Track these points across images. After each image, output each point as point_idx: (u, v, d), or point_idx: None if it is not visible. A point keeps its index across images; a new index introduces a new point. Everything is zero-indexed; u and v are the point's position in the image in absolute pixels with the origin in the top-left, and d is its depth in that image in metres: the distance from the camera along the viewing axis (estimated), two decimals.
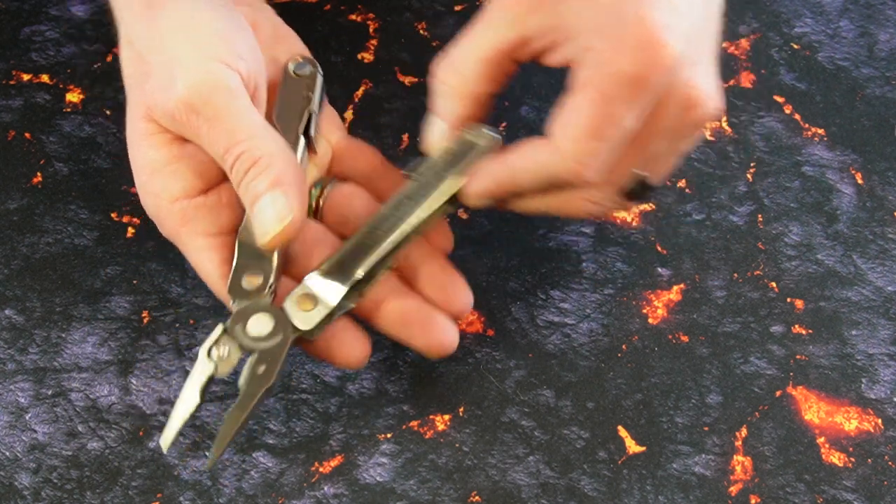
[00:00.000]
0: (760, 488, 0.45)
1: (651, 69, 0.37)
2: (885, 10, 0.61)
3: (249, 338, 0.40)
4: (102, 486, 0.44)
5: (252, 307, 0.40)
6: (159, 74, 0.40)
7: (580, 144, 0.38)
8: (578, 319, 0.49)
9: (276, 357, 0.39)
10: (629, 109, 0.37)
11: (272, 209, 0.39)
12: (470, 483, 0.45)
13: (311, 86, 0.44)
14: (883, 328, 0.49)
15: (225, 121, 0.39)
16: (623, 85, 0.37)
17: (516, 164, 0.40)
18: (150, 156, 0.41)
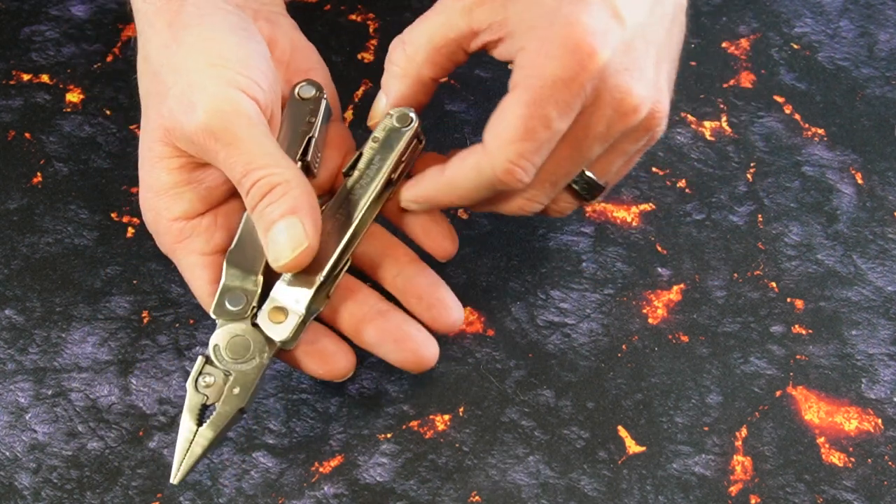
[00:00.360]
0: (760, 488, 0.45)
1: (578, 73, 0.37)
2: (885, 10, 0.61)
3: (229, 360, 0.41)
4: (102, 486, 0.44)
5: (231, 329, 0.42)
6: (178, 98, 0.40)
7: (510, 147, 0.39)
8: (578, 319, 0.49)
9: (251, 379, 0.41)
10: (558, 112, 0.38)
11: (286, 236, 0.40)
12: (470, 483, 0.45)
13: (315, 110, 0.45)
14: (883, 328, 0.49)
15: (243, 148, 0.40)
16: (550, 88, 0.38)
17: (454, 172, 0.41)
18: (162, 178, 0.42)
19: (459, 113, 0.55)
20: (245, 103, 0.40)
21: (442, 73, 0.43)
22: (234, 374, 0.41)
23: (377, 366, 0.47)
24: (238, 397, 0.41)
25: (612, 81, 0.38)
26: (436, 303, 0.44)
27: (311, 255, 0.40)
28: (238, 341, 0.42)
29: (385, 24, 0.58)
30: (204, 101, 0.40)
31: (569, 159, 0.40)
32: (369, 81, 0.56)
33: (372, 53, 0.57)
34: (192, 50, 0.41)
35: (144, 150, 0.43)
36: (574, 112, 0.38)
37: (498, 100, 0.54)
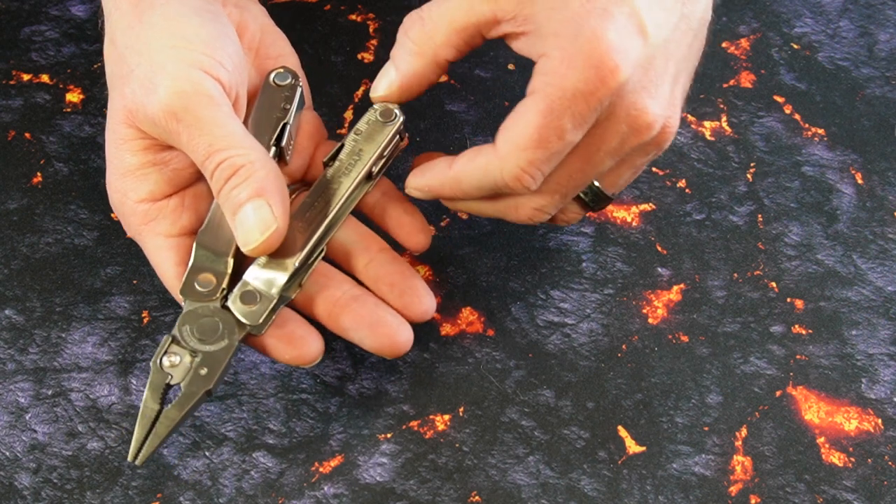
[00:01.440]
0: (760, 488, 0.45)
1: (598, 88, 0.37)
2: (884, 10, 0.61)
3: (196, 340, 0.41)
4: (102, 486, 0.44)
5: (200, 310, 0.41)
6: (141, 79, 0.40)
7: (521, 153, 0.39)
8: (578, 319, 0.49)
9: (219, 361, 0.40)
10: (573, 124, 0.38)
11: (255, 218, 0.40)
12: (470, 483, 0.44)
13: (290, 97, 0.45)
14: (883, 328, 0.49)
15: (206, 128, 0.40)
16: (569, 99, 0.38)
17: (462, 169, 0.41)
18: (127, 160, 0.42)
19: (459, 113, 0.55)
20: (207, 84, 0.40)
21: (457, 55, 0.42)
22: (201, 354, 0.40)
23: (377, 366, 0.47)
24: (205, 378, 0.40)
25: (629, 99, 0.38)
26: (407, 290, 0.43)
27: (280, 237, 0.40)
28: (207, 322, 0.41)
29: (385, 24, 0.58)
30: (165, 83, 0.40)
31: (580, 171, 0.41)
32: (369, 81, 0.55)
33: (372, 53, 0.57)
34: (155, 31, 0.41)
35: (109, 132, 0.43)
36: (588, 125, 0.38)
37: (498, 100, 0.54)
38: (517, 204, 0.42)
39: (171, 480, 0.44)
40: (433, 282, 0.50)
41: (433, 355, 0.48)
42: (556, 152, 0.39)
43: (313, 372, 0.47)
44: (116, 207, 0.44)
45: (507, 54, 0.57)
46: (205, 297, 0.41)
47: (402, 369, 0.47)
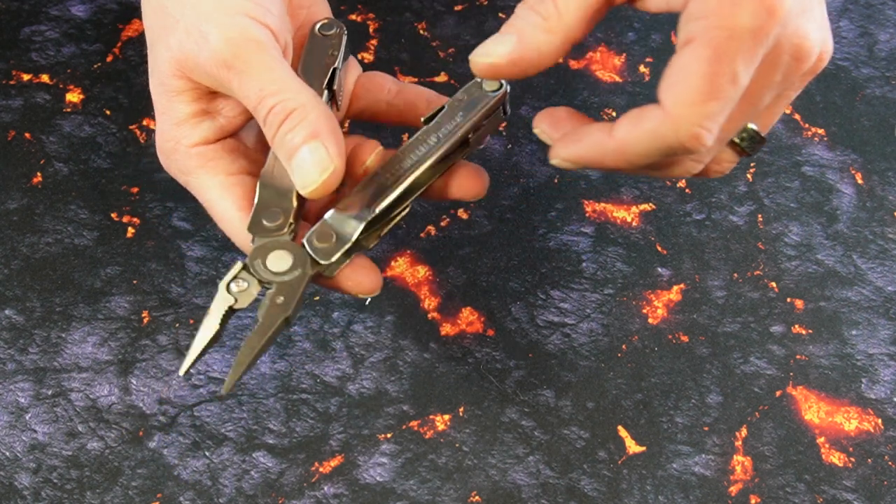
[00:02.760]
0: (760, 488, 0.45)
1: (766, 22, 0.35)
2: (885, 10, 0.61)
3: (269, 272, 0.40)
4: (102, 486, 0.44)
5: (271, 244, 0.41)
6: (188, 29, 0.40)
7: (696, 108, 0.35)
8: (578, 319, 0.49)
9: (294, 289, 0.40)
10: (745, 66, 0.35)
11: (312, 161, 0.39)
12: (470, 483, 0.44)
13: (337, 44, 0.45)
14: (883, 328, 0.49)
15: (256, 74, 0.40)
16: (739, 40, 0.35)
17: (627, 136, 0.38)
18: (180, 109, 0.42)
19: None
20: (255, 30, 0.40)
21: (587, 31, 0.39)
22: (275, 284, 0.40)
23: (377, 366, 0.47)
24: (282, 306, 0.39)
25: (791, 27, 0.36)
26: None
27: (338, 177, 0.39)
28: (279, 254, 0.41)
29: (385, 24, 0.58)
30: (214, 31, 0.39)
31: (741, 113, 0.38)
32: None
33: (372, 53, 0.57)
34: None
35: (157, 84, 0.42)
36: (756, 63, 0.36)
37: None
38: (678, 160, 0.39)
39: (171, 480, 0.44)
40: (433, 282, 0.50)
41: (433, 355, 0.48)
42: (730, 100, 0.36)
43: (313, 372, 0.47)
44: (168, 155, 0.43)
45: None
46: (273, 233, 0.41)
47: (402, 369, 0.47)
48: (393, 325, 0.49)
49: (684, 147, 0.36)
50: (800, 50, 0.37)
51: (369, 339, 0.48)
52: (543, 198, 0.53)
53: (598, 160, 0.39)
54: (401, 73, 0.56)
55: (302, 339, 0.48)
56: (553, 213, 0.52)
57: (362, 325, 0.48)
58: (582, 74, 0.57)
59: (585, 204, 0.53)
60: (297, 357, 0.47)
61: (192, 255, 0.50)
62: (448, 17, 0.59)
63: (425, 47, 0.57)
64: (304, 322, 0.48)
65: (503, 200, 0.52)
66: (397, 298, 0.49)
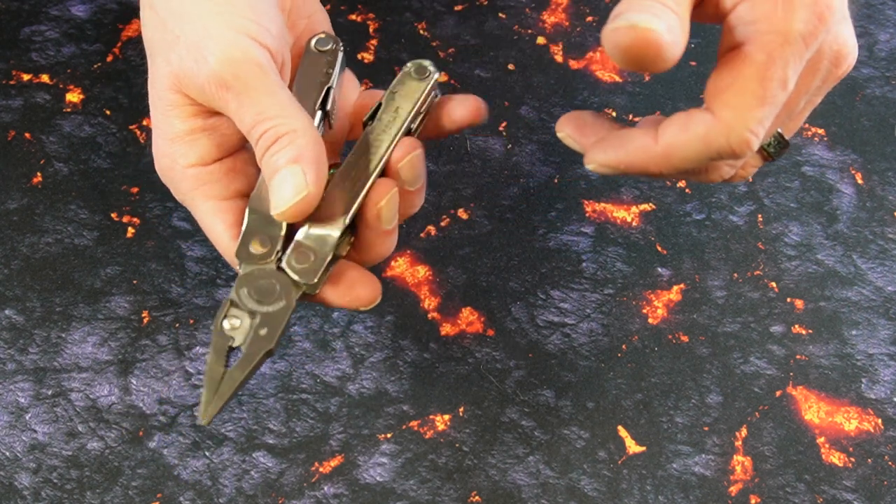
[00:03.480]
0: (760, 488, 0.45)
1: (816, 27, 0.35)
2: (884, 10, 0.61)
3: (254, 302, 0.41)
4: (102, 486, 0.44)
5: (256, 273, 0.41)
6: (188, 46, 0.40)
7: (749, 113, 0.35)
8: (578, 319, 0.49)
9: (278, 321, 0.40)
10: (795, 71, 0.35)
11: (290, 183, 0.39)
12: (470, 483, 0.44)
13: (332, 62, 0.45)
14: (883, 328, 0.49)
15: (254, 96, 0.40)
16: (793, 44, 0.35)
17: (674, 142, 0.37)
18: (175, 125, 0.42)
19: None
20: (255, 51, 0.40)
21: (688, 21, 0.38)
22: (259, 315, 0.40)
23: (377, 366, 0.47)
24: (265, 339, 0.40)
25: (833, 32, 0.36)
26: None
27: (310, 204, 0.40)
28: (264, 284, 0.41)
29: (385, 24, 0.58)
30: (214, 50, 0.40)
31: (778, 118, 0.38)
32: (369, 81, 0.56)
33: (372, 53, 0.57)
34: None
35: (155, 98, 0.42)
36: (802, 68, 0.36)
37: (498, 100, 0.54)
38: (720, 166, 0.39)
39: (171, 480, 0.44)
40: (433, 282, 0.50)
41: (433, 355, 0.48)
42: (778, 105, 0.36)
43: (313, 372, 0.47)
44: (164, 173, 0.43)
45: (507, 54, 0.57)
46: (260, 260, 0.41)
47: (402, 369, 0.47)
48: (393, 325, 0.49)
49: (733, 152, 0.36)
50: (839, 56, 0.37)
51: (369, 339, 0.48)
52: (543, 198, 0.53)
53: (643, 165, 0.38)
54: None
55: (302, 339, 0.48)
56: (553, 213, 0.52)
57: (362, 325, 0.48)
58: (582, 74, 0.57)
59: (585, 204, 0.53)
60: (297, 357, 0.47)
61: (192, 255, 0.50)
62: (448, 17, 0.59)
63: (425, 47, 0.57)
64: (304, 322, 0.48)
65: (503, 200, 0.52)
66: (397, 298, 0.49)
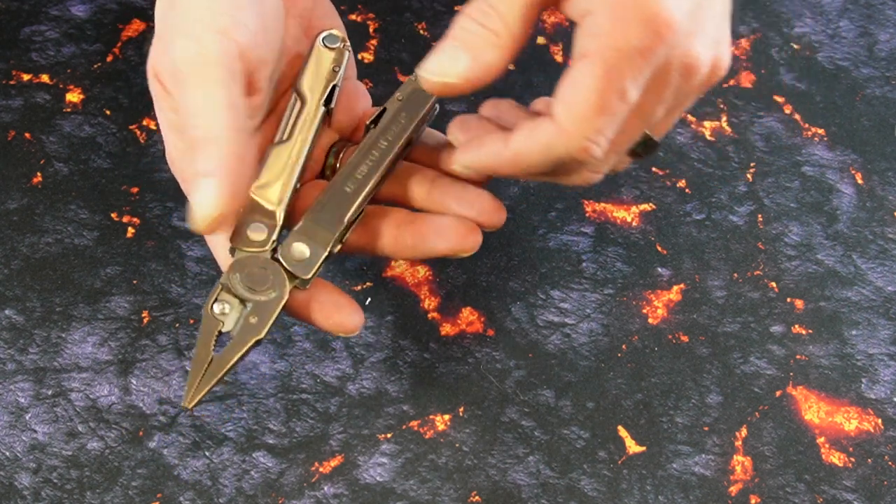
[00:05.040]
0: (760, 488, 0.45)
1: (654, 43, 0.36)
2: (884, 10, 0.61)
3: (246, 289, 0.40)
4: (102, 486, 0.44)
5: (250, 259, 0.41)
6: (161, 37, 0.41)
7: (586, 123, 0.37)
8: (578, 319, 0.49)
9: (270, 311, 0.40)
10: (633, 83, 0.37)
11: (203, 196, 0.38)
12: (470, 483, 0.44)
13: (339, 59, 0.45)
14: (883, 328, 0.49)
15: (190, 93, 0.39)
16: (628, 59, 0.36)
17: (521, 147, 0.39)
18: (165, 115, 0.42)
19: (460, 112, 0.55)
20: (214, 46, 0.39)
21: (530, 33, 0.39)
22: (251, 303, 0.40)
23: (377, 366, 0.47)
24: (255, 327, 0.39)
25: (681, 48, 0.37)
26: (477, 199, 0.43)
27: (217, 220, 0.38)
28: (257, 273, 0.41)
29: (385, 24, 0.58)
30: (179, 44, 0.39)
31: (635, 127, 0.39)
32: (370, 81, 0.56)
33: (372, 53, 0.57)
34: None
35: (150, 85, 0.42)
36: (645, 81, 0.37)
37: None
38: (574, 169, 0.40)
39: (171, 480, 0.44)
40: (433, 282, 0.50)
41: (433, 355, 0.48)
42: (618, 115, 0.37)
43: (313, 372, 0.47)
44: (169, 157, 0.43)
45: None
46: (255, 246, 0.41)
47: (402, 369, 0.47)
48: (393, 325, 0.49)
49: (574, 159, 0.38)
50: (688, 69, 0.38)
51: (369, 339, 0.48)
52: (543, 198, 0.53)
53: (494, 167, 0.40)
54: (401, 73, 0.56)
55: (302, 339, 0.48)
56: (553, 213, 0.52)
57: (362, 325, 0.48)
58: None
59: (585, 204, 0.53)
60: (297, 357, 0.47)
61: (192, 255, 0.50)
62: (448, 17, 0.59)
63: (425, 47, 0.57)
64: (304, 322, 0.48)
65: (503, 200, 0.52)
66: (397, 298, 0.49)
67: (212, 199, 0.38)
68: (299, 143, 0.43)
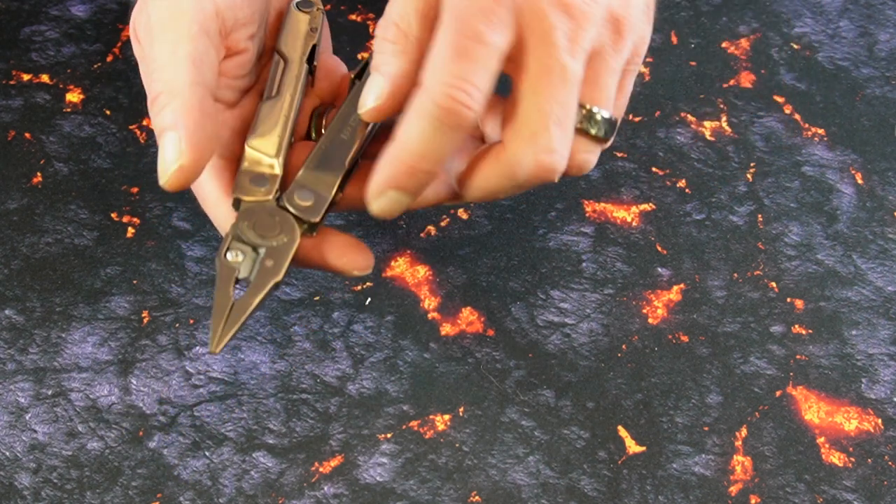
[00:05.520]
0: (760, 488, 0.45)
1: None
2: (884, 10, 0.61)
3: (257, 236, 0.40)
4: (102, 486, 0.44)
5: (257, 208, 0.41)
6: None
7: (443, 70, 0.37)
8: (578, 319, 0.49)
9: (285, 253, 0.40)
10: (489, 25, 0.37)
11: (168, 150, 0.39)
12: (470, 483, 0.44)
13: (315, 21, 0.46)
14: (883, 328, 0.49)
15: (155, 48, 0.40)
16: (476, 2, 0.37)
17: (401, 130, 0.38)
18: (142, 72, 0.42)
19: None
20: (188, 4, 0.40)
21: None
22: (265, 248, 0.40)
23: (377, 366, 0.47)
24: (273, 270, 0.40)
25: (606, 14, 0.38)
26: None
27: (187, 173, 0.38)
28: (266, 220, 0.41)
29: None
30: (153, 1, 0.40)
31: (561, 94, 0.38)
32: None
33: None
34: None
35: None
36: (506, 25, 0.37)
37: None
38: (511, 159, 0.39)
39: (171, 480, 0.44)
40: (433, 282, 0.50)
41: (433, 355, 0.48)
42: (481, 60, 0.37)
43: (313, 372, 0.47)
44: None
45: None
46: (259, 195, 0.41)
47: (402, 369, 0.47)
48: (393, 325, 0.49)
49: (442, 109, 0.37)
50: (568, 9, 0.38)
51: (369, 339, 0.48)
52: (543, 198, 0.53)
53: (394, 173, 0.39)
54: None
55: (302, 339, 0.48)
56: (553, 213, 0.52)
57: (362, 325, 0.48)
58: None
59: (585, 204, 0.53)
60: (297, 357, 0.47)
61: (192, 255, 0.50)
62: None
63: None
64: (304, 322, 0.48)
65: (503, 200, 0.53)
66: (397, 298, 0.49)
67: (173, 152, 0.38)
68: (288, 98, 0.44)
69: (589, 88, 0.39)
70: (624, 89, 0.42)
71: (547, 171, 0.38)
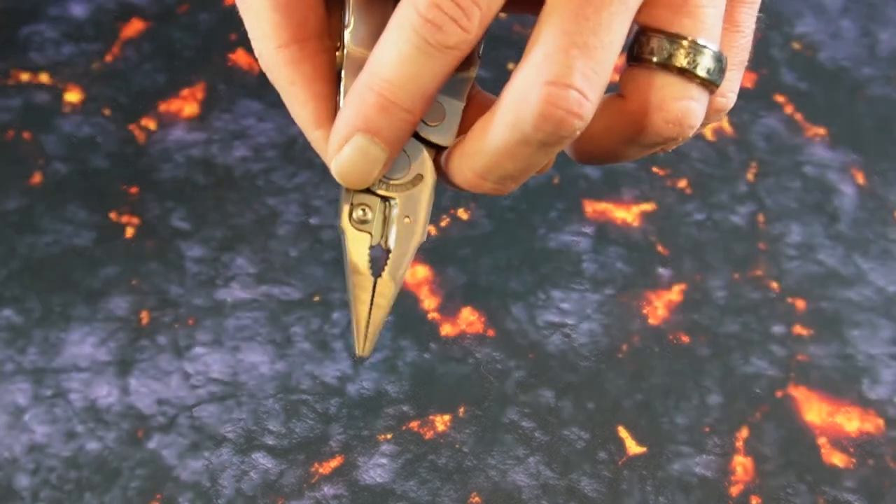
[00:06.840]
0: (761, 489, 0.45)
1: None
2: (886, 10, 0.61)
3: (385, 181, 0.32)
4: (101, 486, 0.44)
5: None
6: None
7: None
8: (579, 320, 0.49)
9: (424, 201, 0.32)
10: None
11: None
12: (470, 484, 0.44)
13: None
14: (884, 328, 0.49)
15: None
16: None
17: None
18: None
19: None
20: None
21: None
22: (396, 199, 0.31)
23: (377, 366, 0.47)
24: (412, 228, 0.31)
25: None
26: None
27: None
28: None
29: None
30: None
31: None
32: None
33: None
34: None
35: None
36: None
37: None
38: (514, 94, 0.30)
39: (170, 481, 0.44)
40: (433, 282, 0.50)
41: (433, 355, 0.48)
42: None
43: (313, 372, 0.47)
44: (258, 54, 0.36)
45: (507, 54, 0.57)
46: None
47: (402, 369, 0.47)
48: (393, 325, 0.48)
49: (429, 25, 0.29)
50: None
51: None
52: (543, 198, 0.53)
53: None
54: None
55: (302, 339, 0.48)
56: (553, 213, 0.52)
57: None
58: None
59: (585, 204, 0.53)
60: (297, 357, 0.47)
61: (191, 255, 0.50)
62: None
63: None
64: (304, 322, 0.48)
65: (503, 200, 0.52)
66: (397, 298, 0.49)
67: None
68: None
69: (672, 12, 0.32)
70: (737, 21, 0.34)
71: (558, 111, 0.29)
